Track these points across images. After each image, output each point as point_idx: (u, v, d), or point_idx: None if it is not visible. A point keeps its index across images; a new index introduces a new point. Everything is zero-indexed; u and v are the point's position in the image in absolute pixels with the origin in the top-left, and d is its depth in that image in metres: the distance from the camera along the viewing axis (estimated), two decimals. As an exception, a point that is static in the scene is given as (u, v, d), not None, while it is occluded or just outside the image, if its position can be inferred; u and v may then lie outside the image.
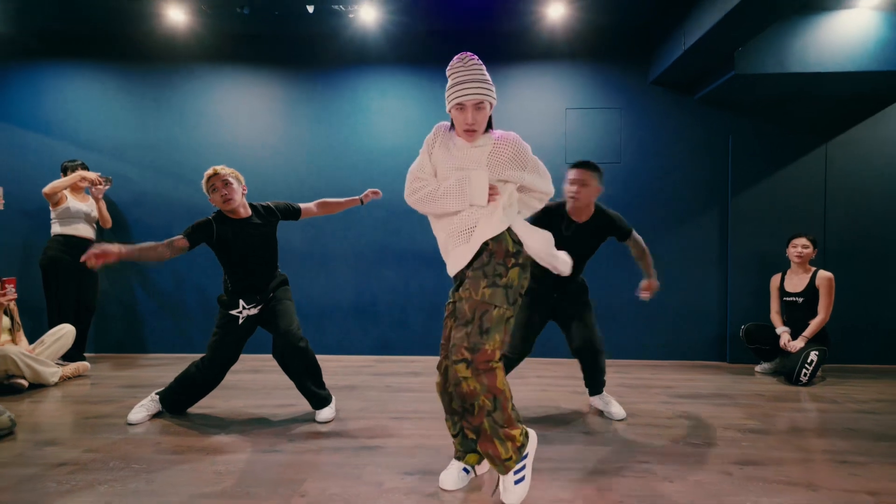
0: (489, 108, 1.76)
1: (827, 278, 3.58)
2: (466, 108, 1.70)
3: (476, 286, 1.70)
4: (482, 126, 1.76)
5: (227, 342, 2.73)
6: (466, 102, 1.69)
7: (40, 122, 4.32)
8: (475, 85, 1.68)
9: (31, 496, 1.83)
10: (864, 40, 3.47)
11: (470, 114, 1.70)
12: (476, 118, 1.71)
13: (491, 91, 1.73)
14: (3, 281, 3.24)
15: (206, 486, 1.91)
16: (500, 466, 1.70)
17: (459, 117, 1.73)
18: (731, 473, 2.05)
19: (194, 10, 3.46)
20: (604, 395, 2.80)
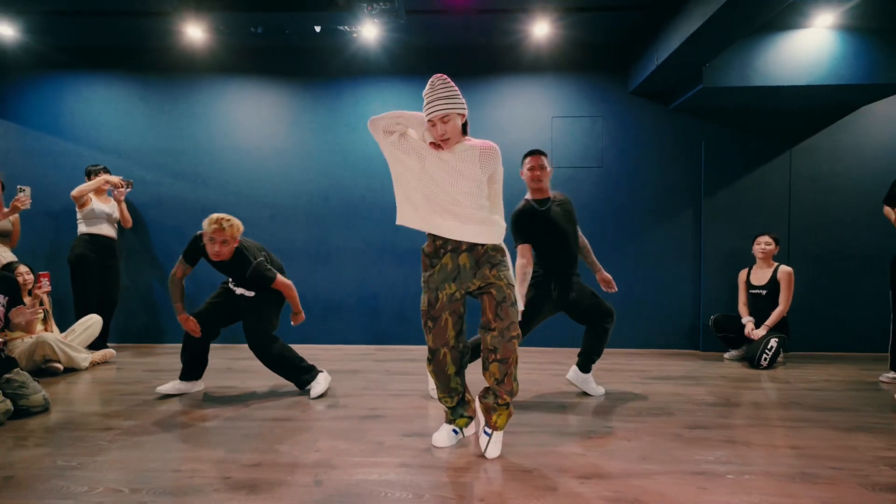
0: (458, 118, 2.01)
1: (787, 272, 3.94)
2: (436, 123, 1.98)
3: (507, 275, 2.07)
4: (453, 134, 2.00)
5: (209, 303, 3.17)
6: (434, 118, 1.97)
7: (65, 128, 4.67)
8: (440, 102, 1.96)
9: (88, 451, 2.18)
10: (820, 57, 3.83)
11: (439, 127, 1.97)
12: (445, 129, 1.97)
13: (455, 104, 1.98)
14: (39, 275, 3.59)
15: (235, 445, 2.26)
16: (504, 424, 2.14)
17: (433, 131, 2.01)
18: (681, 435, 2.41)
19: (212, 28, 3.80)
20: (587, 375, 3.09)
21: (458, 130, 2.03)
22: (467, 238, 2.04)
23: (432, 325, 2.12)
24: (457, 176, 2.01)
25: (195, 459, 2.10)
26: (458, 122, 2.02)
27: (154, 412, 2.71)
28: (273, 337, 3.03)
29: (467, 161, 2.02)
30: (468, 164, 2.01)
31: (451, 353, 2.13)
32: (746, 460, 2.11)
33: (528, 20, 4.08)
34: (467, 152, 2.02)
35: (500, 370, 2.02)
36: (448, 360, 2.13)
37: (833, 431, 2.47)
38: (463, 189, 2.02)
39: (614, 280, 3.24)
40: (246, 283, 3.07)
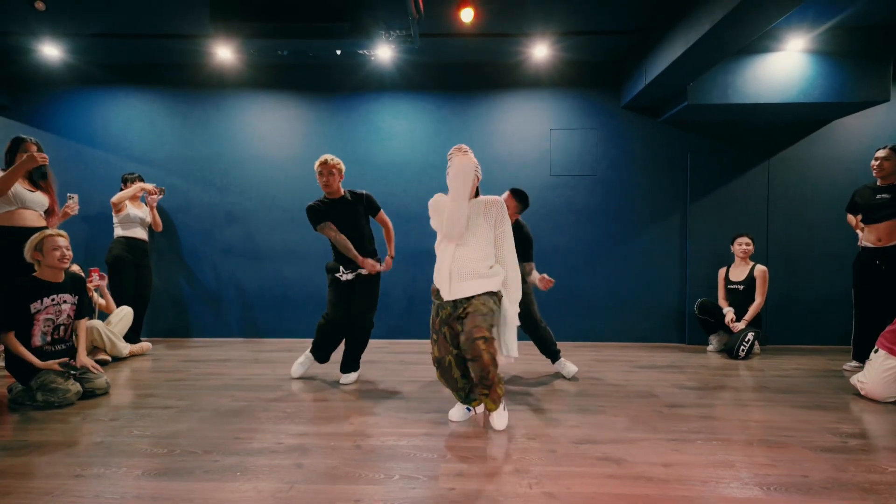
0: (476, 181, 2.51)
1: (762, 270, 4.36)
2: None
3: (487, 302, 2.42)
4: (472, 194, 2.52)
5: (334, 295, 3.38)
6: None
7: (101, 139, 5.05)
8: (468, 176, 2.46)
9: (156, 423, 2.56)
10: (793, 77, 4.23)
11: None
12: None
13: (475, 174, 2.48)
14: (90, 270, 4.00)
15: (281, 420, 2.65)
16: (498, 403, 2.48)
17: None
18: (661, 412, 2.80)
19: (241, 51, 4.18)
20: (560, 361, 3.55)
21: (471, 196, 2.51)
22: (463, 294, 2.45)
23: (436, 337, 2.52)
24: (474, 227, 2.47)
25: (249, 430, 2.48)
26: (475, 184, 2.53)
27: (203, 395, 3.09)
28: (373, 321, 3.46)
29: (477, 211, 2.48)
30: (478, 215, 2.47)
31: (454, 360, 2.49)
32: (715, 430, 2.51)
33: (528, 43, 4.48)
34: (478, 205, 2.50)
35: (474, 369, 2.35)
36: (453, 365, 2.50)
37: (793, 409, 2.87)
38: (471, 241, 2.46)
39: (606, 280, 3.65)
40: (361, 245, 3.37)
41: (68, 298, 3.09)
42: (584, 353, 4.46)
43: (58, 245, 2.98)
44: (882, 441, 2.40)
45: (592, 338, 4.97)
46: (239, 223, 5.10)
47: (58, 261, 2.97)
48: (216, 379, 3.50)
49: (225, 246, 5.10)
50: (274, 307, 5.09)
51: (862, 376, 3.11)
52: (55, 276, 3.02)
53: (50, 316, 3.00)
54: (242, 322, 5.11)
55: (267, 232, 5.11)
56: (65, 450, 2.22)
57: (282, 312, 5.10)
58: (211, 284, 5.11)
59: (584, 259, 4.96)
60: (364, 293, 3.37)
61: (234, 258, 5.10)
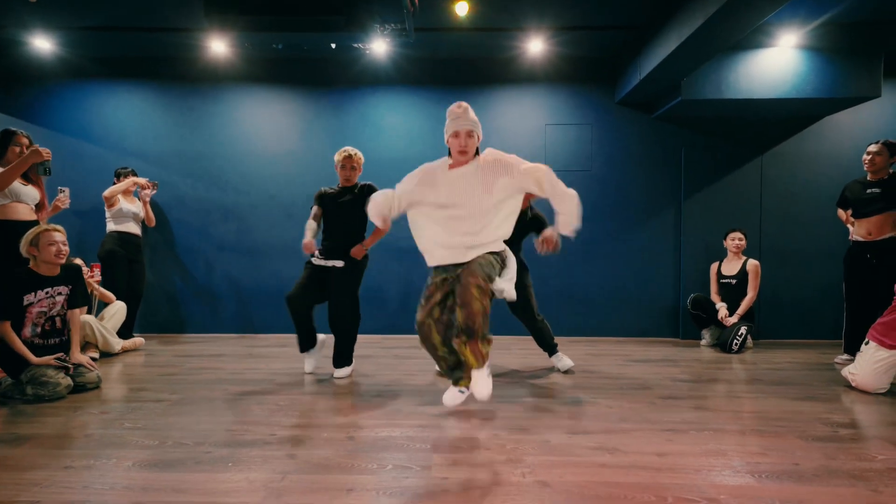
0: (476, 139, 2.43)
1: (755, 265, 4.38)
2: (460, 135, 2.39)
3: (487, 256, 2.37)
4: (472, 150, 2.42)
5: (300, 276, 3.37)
6: (460, 130, 2.39)
7: (94, 133, 5.01)
8: (469, 121, 2.40)
9: (148, 416, 2.55)
10: (785, 73, 4.25)
11: (463, 139, 2.39)
12: (468, 143, 2.39)
13: (478, 126, 2.44)
14: (92, 265, 4.01)
15: (274, 412, 2.64)
16: (481, 361, 2.32)
17: (455, 142, 2.41)
18: (655, 403, 2.81)
19: (236, 44, 4.16)
20: (557, 355, 3.54)
21: (475, 149, 2.43)
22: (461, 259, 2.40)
23: (423, 302, 2.48)
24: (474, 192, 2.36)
25: (242, 422, 2.47)
26: (476, 142, 2.42)
27: (195, 388, 3.08)
28: (357, 313, 3.40)
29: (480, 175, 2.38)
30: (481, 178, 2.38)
31: (435, 325, 2.45)
32: (708, 421, 2.52)
33: (523, 37, 4.48)
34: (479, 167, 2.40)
35: (461, 314, 2.25)
36: (433, 329, 2.45)
37: (785, 400, 2.88)
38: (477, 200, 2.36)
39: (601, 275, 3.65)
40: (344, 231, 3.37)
41: (63, 290, 3.07)
42: (579, 347, 4.47)
43: (54, 240, 2.95)
44: (872, 430, 2.42)
45: (588, 332, 4.98)
46: (234, 219, 5.07)
47: (54, 256, 2.95)
48: (209, 373, 3.48)
49: (220, 241, 5.07)
50: (269, 303, 5.06)
51: (853, 368, 3.13)
52: (50, 270, 3.00)
53: (43, 309, 2.98)
54: (237, 318, 5.09)
55: (262, 227, 5.09)
56: (55, 442, 2.20)
57: (277, 308, 5.04)
58: (205, 280, 5.09)
59: (579, 254, 4.96)
60: (339, 289, 3.32)
61: (228, 254, 5.07)
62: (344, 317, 3.34)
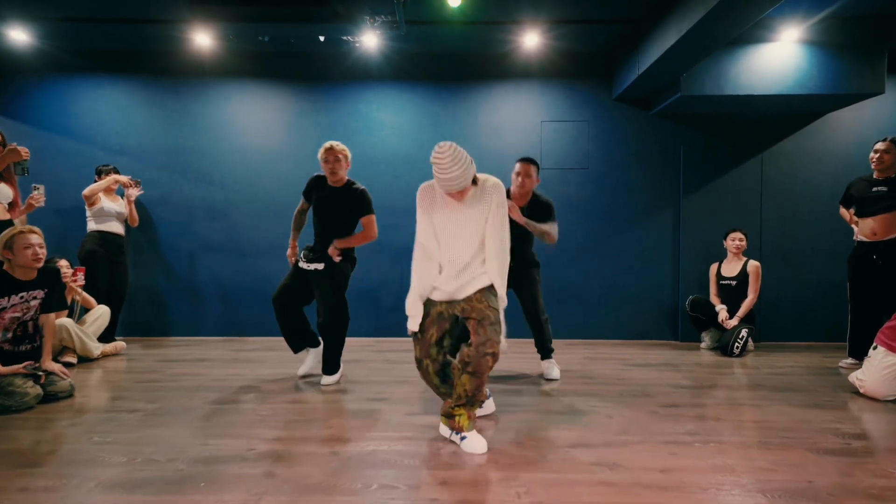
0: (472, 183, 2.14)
1: (755, 266, 4.27)
2: (453, 195, 2.12)
3: (490, 299, 2.18)
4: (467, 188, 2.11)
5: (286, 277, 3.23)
6: (452, 192, 2.09)
7: (75, 129, 4.83)
8: (455, 180, 2.01)
9: (120, 428, 2.40)
10: (787, 68, 4.13)
11: (455, 196, 2.13)
12: (461, 197, 2.14)
13: (468, 172, 2.03)
14: (75, 269, 3.85)
15: (254, 424, 2.49)
16: (474, 422, 2.18)
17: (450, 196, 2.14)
18: (657, 412, 2.69)
19: (221, 36, 4.00)
20: (551, 361, 3.39)
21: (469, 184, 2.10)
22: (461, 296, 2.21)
23: (420, 336, 2.27)
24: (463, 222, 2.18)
25: (220, 435, 2.32)
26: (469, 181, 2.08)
27: (174, 397, 2.92)
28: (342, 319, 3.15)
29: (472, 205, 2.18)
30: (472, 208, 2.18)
31: (432, 365, 2.27)
32: (712, 432, 2.39)
33: (518, 31, 4.34)
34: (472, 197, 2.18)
35: (471, 383, 2.10)
36: (430, 371, 2.28)
37: (791, 408, 2.76)
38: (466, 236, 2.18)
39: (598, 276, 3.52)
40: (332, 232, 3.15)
41: (38, 294, 2.91)
42: (577, 350, 4.34)
43: (30, 243, 2.79)
44: (885, 442, 2.30)
45: (585, 335, 4.85)
46: (220, 217, 4.91)
47: (31, 260, 2.79)
48: (190, 380, 3.33)
49: (205, 241, 4.91)
50: (257, 304, 4.90)
51: (861, 374, 3.02)
52: (26, 274, 2.84)
53: (17, 314, 2.83)
54: (223, 320, 4.93)
55: (249, 226, 4.93)
56: (15, 459, 2.05)
57: (265, 310, 4.87)
58: (190, 281, 4.93)
59: (576, 254, 4.84)
60: (321, 293, 3.12)
61: (215, 253, 4.91)
62: (326, 323, 3.13)
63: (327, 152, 3.06)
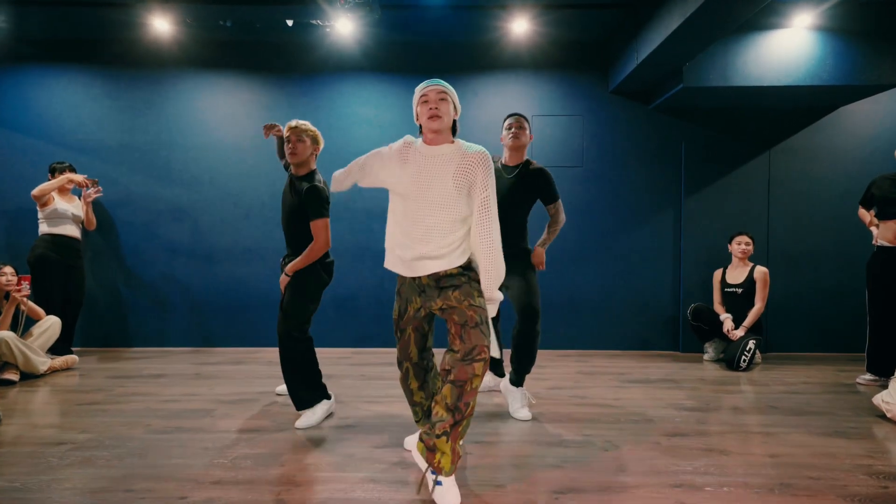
0: (452, 109, 1.88)
1: (763, 272, 3.94)
2: (429, 100, 1.84)
3: (471, 294, 1.82)
4: (446, 121, 1.84)
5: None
6: (430, 93, 1.84)
7: (28, 124, 4.46)
8: (438, 84, 1.86)
9: (35, 469, 2.04)
10: (799, 57, 3.81)
11: (432, 102, 1.83)
12: (439, 107, 1.82)
13: (452, 92, 1.89)
14: (20, 278, 3.49)
15: (195, 459, 2.14)
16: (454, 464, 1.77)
17: (424, 108, 1.84)
18: (659, 443, 2.35)
19: (178, 20, 3.64)
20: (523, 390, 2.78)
21: (450, 121, 1.88)
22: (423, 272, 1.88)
23: (399, 336, 2.02)
24: (429, 181, 1.84)
25: (150, 477, 1.98)
26: (451, 112, 1.88)
27: (111, 425, 2.57)
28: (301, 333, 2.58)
29: (441, 165, 1.84)
30: (443, 169, 1.84)
31: (413, 369, 2.04)
32: (725, 470, 2.06)
33: (506, 17, 4.00)
34: (444, 156, 1.85)
35: (452, 394, 1.74)
36: (411, 374, 2.05)
37: (811, 437, 2.44)
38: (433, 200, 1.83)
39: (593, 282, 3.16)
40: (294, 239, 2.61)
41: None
42: (569, 364, 4.01)
43: None
44: (927, 484, 1.97)
45: (579, 345, 4.52)
46: (186, 219, 4.55)
47: None
48: (138, 401, 2.97)
49: (170, 244, 4.55)
50: (225, 313, 4.55)
51: (888, 395, 2.69)
52: None
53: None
54: (189, 329, 4.57)
55: (218, 229, 4.57)
56: None
57: (233, 318, 4.57)
58: (154, 287, 4.56)
59: (570, 258, 4.50)
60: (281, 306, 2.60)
61: (180, 258, 4.55)
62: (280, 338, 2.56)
63: (290, 130, 2.54)
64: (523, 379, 2.78)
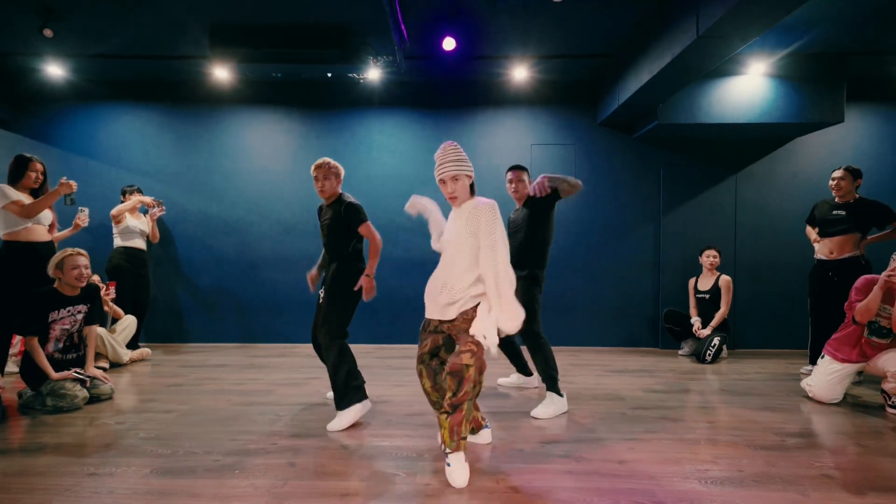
0: (466, 179, 2.24)
1: (727, 281, 4.65)
2: (446, 182, 2.24)
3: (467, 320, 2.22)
4: (462, 193, 2.24)
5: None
6: (445, 178, 2.24)
7: (102, 153, 5.26)
8: (449, 164, 2.22)
9: (160, 426, 2.79)
10: (754, 99, 4.51)
11: (449, 185, 2.23)
12: (455, 188, 2.22)
13: (463, 166, 2.22)
14: (108, 283, 4.29)
15: (274, 423, 2.88)
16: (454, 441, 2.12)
17: (443, 189, 2.26)
18: (625, 413, 3.07)
19: (237, 72, 4.41)
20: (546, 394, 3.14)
21: (466, 190, 2.25)
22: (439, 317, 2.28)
23: (421, 342, 2.39)
24: (455, 237, 2.23)
25: (246, 432, 2.71)
26: (465, 182, 2.24)
27: (201, 399, 3.32)
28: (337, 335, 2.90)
29: (461, 219, 2.22)
30: (461, 223, 2.22)
31: (425, 370, 2.35)
32: (669, 431, 2.77)
33: (508, 65, 4.74)
34: (462, 213, 2.23)
35: (452, 383, 2.12)
36: (424, 374, 2.36)
37: (745, 410, 3.14)
38: (450, 252, 2.23)
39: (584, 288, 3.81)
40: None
41: (82, 308, 3.31)
42: (562, 357, 4.69)
43: (77, 264, 3.21)
44: (818, 440, 2.67)
45: (571, 342, 5.23)
46: (233, 233, 5.31)
47: (75, 279, 3.20)
48: (213, 384, 3.72)
49: (220, 255, 5.31)
50: (267, 313, 5.31)
51: (810, 380, 3.39)
52: (72, 291, 3.25)
53: (66, 326, 3.23)
54: (237, 328, 5.32)
55: (261, 242, 5.33)
56: (77, 451, 2.44)
57: (275, 318, 5.32)
58: (206, 292, 5.32)
59: (563, 268, 5.21)
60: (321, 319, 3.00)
61: (228, 266, 5.31)
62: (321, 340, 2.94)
63: (316, 169, 3.00)
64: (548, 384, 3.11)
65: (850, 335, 3.24)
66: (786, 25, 3.85)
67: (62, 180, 3.42)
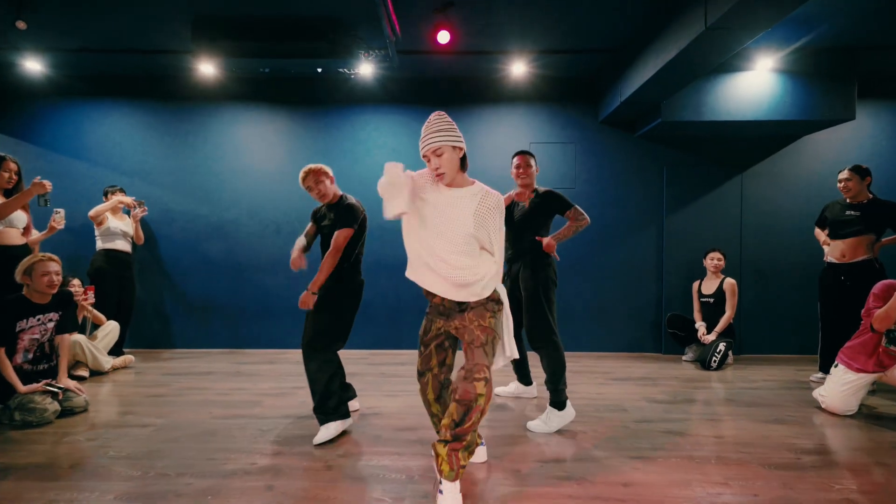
0: (453, 151, 1.97)
1: (731, 284, 4.48)
2: (430, 158, 1.99)
3: (483, 316, 2.02)
4: (449, 168, 1.97)
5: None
6: (427, 152, 1.98)
7: (83, 151, 5.07)
8: (433, 136, 1.95)
9: (133, 443, 2.61)
10: (762, 95, 4.34)
11: (433, 161, 1.98)
12: (440, 163, 1.96)
13: (449, 136, 1.95)
14: (86, 288, 4.11)
15: (256, 439, 2.70)
16: (456, 472, 1.90)
17: (429, 166, 2.03)
18: (628, 427, 2.89)
19: (223, 66, 4.22)
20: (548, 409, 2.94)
21: (455, 164, 2.00)
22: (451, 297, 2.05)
23: (422, 350, 2.20)
24: (447, 220, 2.00)
25: (225, 450, 2.54)
26: (453, 155, 1.98)
27: (182, 411, 3.14)
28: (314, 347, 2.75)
29: (461, 206, 2.00)
30: (461, 210, 2.00)
31: (432, 381, 2.18)
32: (676, 447, 2.60)
33: (506, 60, 4.56)
34: (464, 198, 2.01)
35: (457, 412, 1.88)
36: (429, 386, 2.19)
37: (754, 423, 2.97)
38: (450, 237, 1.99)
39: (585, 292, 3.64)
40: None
41: (53, 317, 3.13)
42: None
43: (48, 270, 3.02)
44: (834, 457, 2.50)
45: (571, 347, 5.05)
46: (222, 235, 5.13)
47: (46, 286, 3.02)
48: (197, 394, 3.54)
49: (208, 257, 5.13)
50: (257, 318, 5.13)
51: (823, 390, 3.23)
52: (42, 298, 3.07)
53: (36, 336, 3.05)
54: (225, 333, 5.15)
55: (250, 243, 5.15)
56: (41, 473, 2.27)
57: (264, 323, 5.14)
58: (194, 295, 5.15)
59: (563, 271, 5.02)
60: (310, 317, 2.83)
61: (217, 269, 5.14)
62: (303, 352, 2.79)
63: (304, 181, 2.92)
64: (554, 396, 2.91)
65: (867, 343, 3.07)
66: (795, 18, 3.67)
67: (35, 180, 3.24)
